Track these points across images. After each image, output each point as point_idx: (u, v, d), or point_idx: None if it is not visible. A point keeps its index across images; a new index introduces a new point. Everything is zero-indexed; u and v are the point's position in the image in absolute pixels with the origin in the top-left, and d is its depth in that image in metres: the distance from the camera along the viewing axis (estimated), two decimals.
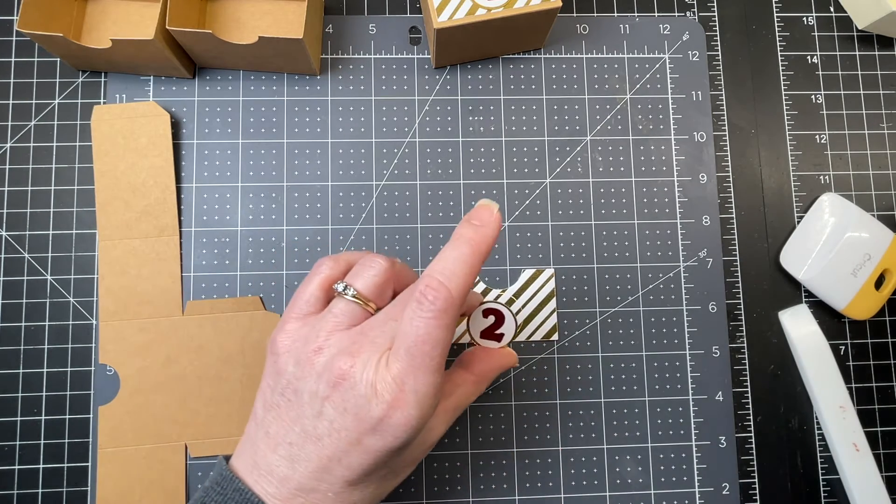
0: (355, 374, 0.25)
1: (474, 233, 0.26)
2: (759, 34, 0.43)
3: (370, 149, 0.40)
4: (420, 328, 0.24)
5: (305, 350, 0.26)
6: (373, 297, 0.28)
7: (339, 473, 0.25)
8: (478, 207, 0.27)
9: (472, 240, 0.26)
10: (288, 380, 0.26)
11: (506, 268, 0.39)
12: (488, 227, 0.27)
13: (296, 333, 0.28)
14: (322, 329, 0.27)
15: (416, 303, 0.25)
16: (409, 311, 0.25)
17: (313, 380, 0.26)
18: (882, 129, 0.42)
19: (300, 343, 0.27)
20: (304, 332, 0.27)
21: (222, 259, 0.39)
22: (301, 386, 0.26)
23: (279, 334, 0.28)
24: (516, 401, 0.38)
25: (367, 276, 0.28)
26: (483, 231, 0.26)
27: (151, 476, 0.36)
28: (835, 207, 0.39)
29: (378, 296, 0.28)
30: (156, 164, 0.38)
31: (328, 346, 0.26)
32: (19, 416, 0.37)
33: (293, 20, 0.40)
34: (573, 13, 0.42)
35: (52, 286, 0.38)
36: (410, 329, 0.25)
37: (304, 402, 0.26)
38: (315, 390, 0.26)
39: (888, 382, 0.40)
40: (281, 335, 0.28)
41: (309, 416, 0.26)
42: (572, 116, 0.41)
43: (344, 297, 0.27)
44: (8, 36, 0.40)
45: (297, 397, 0.26)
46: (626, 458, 0.38)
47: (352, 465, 0.25)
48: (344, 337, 0.26)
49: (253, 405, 0.29)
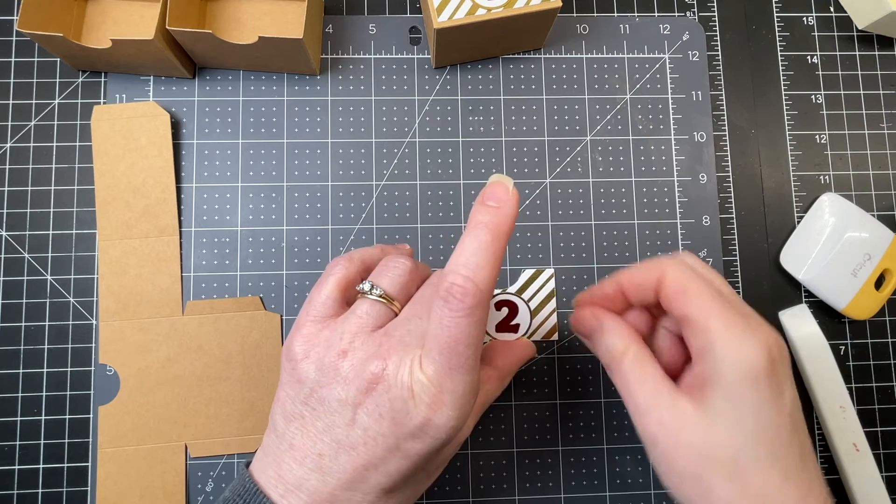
0: (389, 378, 0.24)
1: (492, 216, 0.24)
2: (759, 34, 0.43)
3: (370, 149, 0.40)
4: (452, 328, 0.23)
5: (328, 355, 0.25)
6: (399, 297, 0.26)
7: (376, 481, 0.24)
8: (491, 184, 0.25)
9: (491, 224, 0.24)
10: (311, 388, 0.25)
11: (506, 268, 0.39)
12: (506, 207, 0.24)
13: (314, 338, 0.26)
14: (346, 331, 0.25)
15: (443, 301, 0.23)
16: (437, 310, 0.24)
17: (341, 386, 0.24)
18: (882, 129, 0.42)
19: (321, 348, 0.25)
20: (325, 335, 0.26)
21: (222, 259, 0.39)
22: (327, 394, 0.25)
23: (295, 339, 0.26)
24: (516, 401, 0.38)
25: (393, 276, 0.27)
26: (501, 213, 0.24)
27: (151, 476, 0.36)
28: (835, 207, 0.39)
29: (405, 296, 0.27)
30: (156, 164, 0.38)
31: (353, 349, 0.25)
32: (19, 416, 0.37)
33: (293, 20, 0.40)
34: (573, 13, 0.42)
35: (52, 286, 0.38)
36: (441, 330, 0.23)
37: (333, 409, 0.24)
38: (344, 397, 0.24)
39: (888, 382, 0.40)
40: (298, 340, 0.26)
41: (340, 425, 0.24)
42: (572, 116, 0.41)
43: (369, 298, 0.26)
44: (8, 36, 0.40)
45: (322, 406, 0.25)
46: (626, 458, 0.38)
47: (389, 472, 0.24)
48: (370, 339, 0.25)
49: (270, 415, 0.27)
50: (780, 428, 0.25)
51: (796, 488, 0.25)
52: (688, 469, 0.25)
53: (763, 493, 0.24)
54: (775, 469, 0.24)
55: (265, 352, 0.38)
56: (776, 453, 0.25)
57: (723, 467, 0.24)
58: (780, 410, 0.25)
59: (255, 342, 0.38)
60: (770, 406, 0.25)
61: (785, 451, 0.25)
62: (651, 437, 0.26)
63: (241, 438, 0.37)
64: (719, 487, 0.24)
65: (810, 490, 0.25)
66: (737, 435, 0.24)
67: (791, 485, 0.24)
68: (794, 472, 0.25)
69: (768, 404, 0.24)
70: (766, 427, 0.24)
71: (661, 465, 0.26)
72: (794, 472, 0.25)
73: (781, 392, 0.25)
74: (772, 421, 0.25)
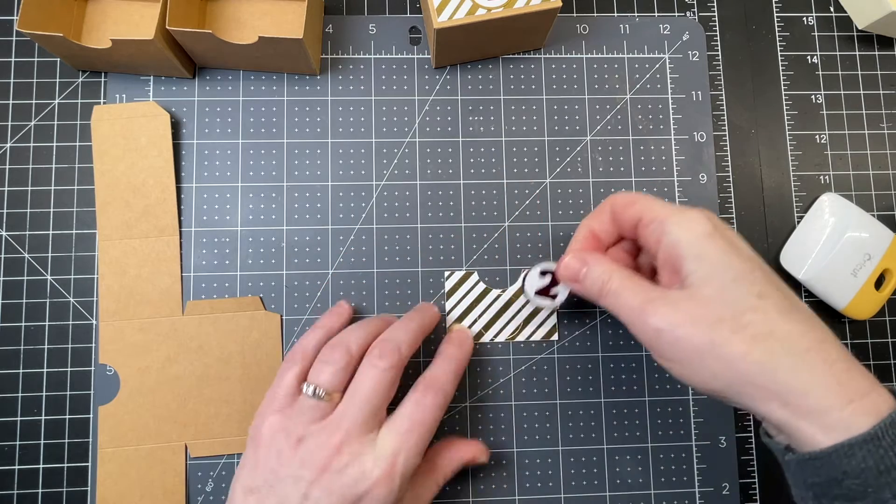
0: (342, 461, 0.29)
1: (460, 351, 0.35)
2: (759, 34, 0.43)
3: (370, 149, 0.40)
4: (426, 415, 0.31)
5: (288, 442, 0.30)
6: (337, 388, 0.31)
7: None
8: (457, 331, 0.37)
9: (459, 356, 0.35)
10: (271, 467, 0.30)
11: (506, 268, 0.39)
12: (467, 348, 0.36)
13: (276, 426, 0.30)
14: (299, 422, 0.30)
15: (420, 395, 0.31)
16: (413, 400, 0.31)
17: (297, 467, 0.29)
18: (882, 129, 0.42)
19: (282, 435, 0.30)
20: (284, 424, 0.30)
21: (222, 259, 0.39)
22: (283, 472, 0.29)
23: (262, 427, 0.31)
24: (516, 401, 0.38)
25: (329, 372, 0.31)
26: (464, 350, 0.36)
27: (151, 476, 0.36)
28: (835, 207, 0.39)
29: (342, 383, 0.31)
30: (156, 164, 0.38)
31: (308, 434, 0.30)
32: (19, 416, 0.37)
33: (293, 20, 0.40)
34: (573, 13, 0.42)
35: (52, 286, 0.38)
36: (417, 415, 0.31)
37: (289, 485, 0.29)
38: (300, 475, 0.29)
39: (888, 382, 0.40)
40: (264, 428, 0.31)
41: (294, 499, 0.29)
42: (572, 116, 0.41)
43: (310, 398, 0.31)
44: (8, 36, 0.40)
45: (280, 483, 0.29)
46: (626, 458, 0.38)
47: None
48: (322, 429, 0.30)
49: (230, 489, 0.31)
50: (753, 270, 0.28)
51: (797, 322, 0.27)
52: (699, 340, 0.27)
53: (768, 329, 0.26)
54: (768, 305, 0.27)
55: (265, 352, 0.38)
56: (762, 292, 0.27)
57: (724, 322, 0.27)
58: (742, 256, 0.28)
59: (255, 342, 0.38)
60: (732, 254, 0.28)
61: (768, 289, 0.27)
62: (654, 331, 0.28)
63: (241, 438, 0.37)
64: (730, 342, 0.26)
65: (812, 326, 0.27)
66: (722, 287, 0.27)
67: (789, 319, 0.27)
68: (787, 308, 0.27)
69: (730, 253, 0.28)
70: (740, 270, 0.28)
71: (673, 354, 0.28)
72: (787, 308, 0.27)
73: (735, 245, 0.29)
74: (742, 265, 0.28)
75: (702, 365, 0.27)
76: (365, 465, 0.29)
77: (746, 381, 0.26)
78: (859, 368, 0.26)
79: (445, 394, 0.32)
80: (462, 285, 0.39)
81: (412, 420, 0.31)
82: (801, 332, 0.26)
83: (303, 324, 0.38)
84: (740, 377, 0.27)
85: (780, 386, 0.26)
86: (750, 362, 0.26)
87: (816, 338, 0.26)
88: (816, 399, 0.25)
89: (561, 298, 0.35)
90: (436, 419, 0.31)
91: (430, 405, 0.31)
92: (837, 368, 0.26)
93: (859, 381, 0.26)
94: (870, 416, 0.25)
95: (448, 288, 0.39)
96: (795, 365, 0.26)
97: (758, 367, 0.26)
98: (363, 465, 0.29)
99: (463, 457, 0.35)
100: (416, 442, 0.30)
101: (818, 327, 0.27)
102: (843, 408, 0.25)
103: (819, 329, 0.27)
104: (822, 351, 0.26)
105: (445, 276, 0.39)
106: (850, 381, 0.26)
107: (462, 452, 0.35)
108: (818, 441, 0.25)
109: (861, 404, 0.25)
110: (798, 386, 0.26)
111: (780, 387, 0.26)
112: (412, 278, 0.39)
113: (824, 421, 0.25)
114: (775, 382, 0.26)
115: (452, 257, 0.39)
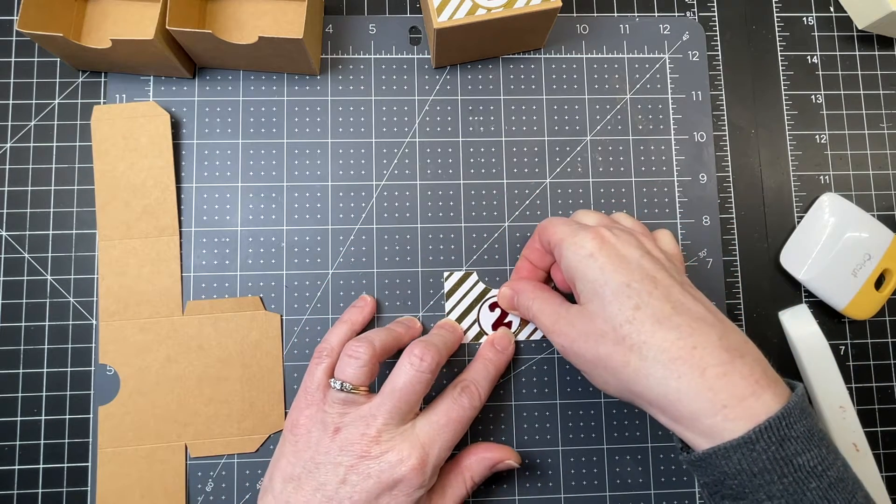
0: (380, 448, 0.31)
1: (498, 357, 0.36)
2: (759, 34, 0.43)
3: (370, 149, 0.40)
4: (462, 414, 0.33)
5: (326, 432, 0.31)
6: (364, 382, 0.33)
7: None
8: (500, 334, 0.38)
9: (497, 362, 0.36)
10: (310, 456, 0.31)
11: (506, 268, 0.39)
12: (507, 354, 0.37)
13: (314, 418, 0.32)
14: (334, 414, 0.32)
15: (458, 393, 0.33)
16: (449, 400, 0.33)
17: (336, 453, 0.31)
18: (882, 129, 0.42)
19: (319, 427, 0.32)
20: (321, 416, 0.32)
21: (222, 259, 0.39)
22: (322, 458, 0.31)
23: (299, 419, 0.32)
24: (516, 401, 0.38)
25: (354, 366, 0.32)
26: (504, 356, 0.37)
27: (151, 476, 0.36)
28: (835, 207, 0.39)
29: (368, 378, 0.33)
30: (156, 164, 0.38)
31: (345, 425, 0.31)
32: (19, 416, 0.37)
33: (293, 20, 0.40)
34: (573, 13, 0.42)
35: (52, 286, 0.38)
36: (454, 412, 0.32)
37: (328, 471, 0.31)
38: (338, 461, 0.31)
39: (888, 382, 0.40)
40: (302, 420, 0.32)
41: (332, 484, 0.30)
42: (572, 116, 0.41)
43: (338, 391, 0.32)
44: (8, 36, 0.40)
45: (318, 469, 0.31)
46: (626, 458, 0.38)
47: None
48: (359, 417, 0.31)
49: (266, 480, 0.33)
50: (631, 283, 0.28)
51: (670, 330, 0.27)
52: (590, 355, 0.29)
53: (642, 340, 0.27)
54: (644, 316, 0.28)
55: (265, 352, 0.38)
56: (639, 304, 0.28)
57: (606, 336, 0.29)
58: (628, 268, 0.29)
59: (255, 342, 0.38)
60: (613, 270, 0.29)
61: (646, 299, 0.28)
62: (560, 348, 0.31)
63: (241, 438, 0.37)
64: (612, 355, 0.28)
65: (689, 332, 0.27)
66: (603, 303, 0.29)
67: (662, 327, 0.27)
68: (664, 316, 0.28)
69: (609, 270, 0.29)
70: (617, 285, 0.29)
71: (580, 366, 0.31)
72: (664, 316, 0.28)
73: (622, 256, 0.29)
74: (620, 279, 0.29)
75: (599, 375, 0.30)
76: (402, 453, 0.31)
77: (629, 389, 0.28)
78: (743, 372, 0.26)
79: (480, 397, 0.34)
80: (462, 285, 0.39)
81: (448, 416, 0.32)
82: (673, 339, 0.27)
83: (303, 324, 0.38)
84: (625, 386, 0.28)
85: (654, 394, 0.27)
86: (630, 372, 0.28)
87: (688, 345, 0.27)
88: (686, 406, 0.26)
89: (516, 325, 0.38)
90: (469, 419, 0.33)
91: (466, 405, 0.33)
92: (710, 374, 0.26)
93: (736, 387, 0.26)
94: (743, 420, 0.25)
95: (448, 288, 0.39)
96: (665, 373, 0.27)
97: (635, 375, 0.28)
98: (401, 453, 0.31)
99: (493, 457, 0.35)
100: (449, 437, 0.32)
101: (698, 332, 0.27)
102: (714, 414, 0.26)
103: (699, 335, 0.27)
104: (693, 358, 0.26)
105: (445, 276, 0.39)
106: (725, 387, 0.26)
107: (491, 452, 0.35)
108: (699, 444, 0.27)
109: (735, 410, 0.26)
110: (669, 393, 0.27)
111: (654, 394, 0.27)
112: (412, 278, 0.39)
113: (697, 427, 0.26)
114: (650, 390, 0.27)
115: (452, 257, 0.39)
